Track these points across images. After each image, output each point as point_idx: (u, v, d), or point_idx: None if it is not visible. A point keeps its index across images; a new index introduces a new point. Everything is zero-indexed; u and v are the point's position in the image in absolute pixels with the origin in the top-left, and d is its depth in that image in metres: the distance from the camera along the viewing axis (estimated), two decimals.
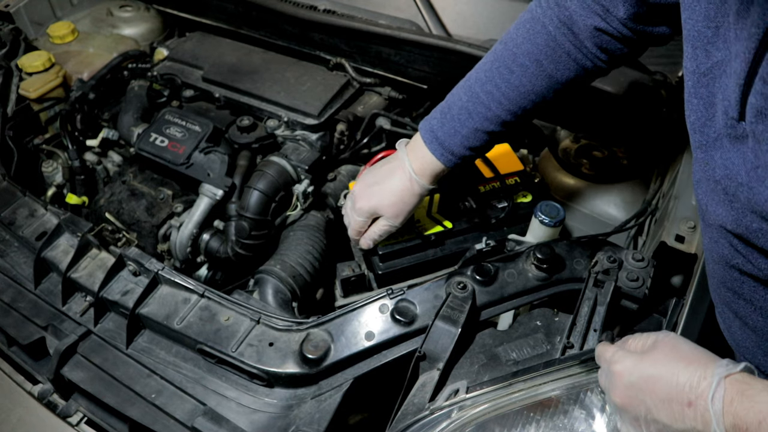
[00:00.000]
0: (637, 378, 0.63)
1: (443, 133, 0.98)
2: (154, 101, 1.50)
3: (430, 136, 0.99)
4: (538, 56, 0.91)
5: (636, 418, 0.64)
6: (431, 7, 1.46)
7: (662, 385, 0.60)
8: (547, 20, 0.90)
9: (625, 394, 0.65)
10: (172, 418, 0.89)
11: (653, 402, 0.61)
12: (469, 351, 0.87)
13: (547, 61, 0.91)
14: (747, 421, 0.54)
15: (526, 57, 0.92)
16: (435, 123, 0.99)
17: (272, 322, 0.93)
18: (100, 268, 1.03)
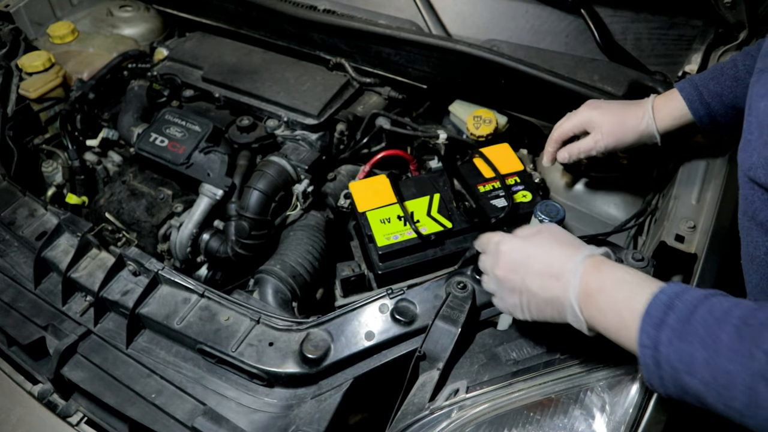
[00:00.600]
0: (520, 255, 0.75)
1: (701, 79, 0.95)
2: (154, 101, 1.50)
3: (686, 81, 0.97)
4: None
5: (512, 289, 0.75)
6: (431, 7, 1.46)
7: (538, 262, 0.73)
8: None
9: (508, 268, 0.76)
10: (172, 418, 0.90)
11: (529, 275, 0.73)
12: (469, 351, 0.87)
13: None
14: (591, 288, 0.67)
15: None
16: (695, 76, 0.97)
17: (272, 322, 0.93)
18: (100, 268, 1.03)
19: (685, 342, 0.57)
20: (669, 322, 0.59)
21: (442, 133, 1.30)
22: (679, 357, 0.58)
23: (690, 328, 0.58)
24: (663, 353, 0.59)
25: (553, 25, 1.37)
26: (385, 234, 1.08)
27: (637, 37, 1.31)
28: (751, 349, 0.53)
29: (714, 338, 0.56)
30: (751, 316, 0.55)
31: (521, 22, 1.40)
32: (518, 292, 0.75)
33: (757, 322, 0.55)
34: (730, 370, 0.54)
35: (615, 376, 0.79)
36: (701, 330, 0.57)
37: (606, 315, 0.66)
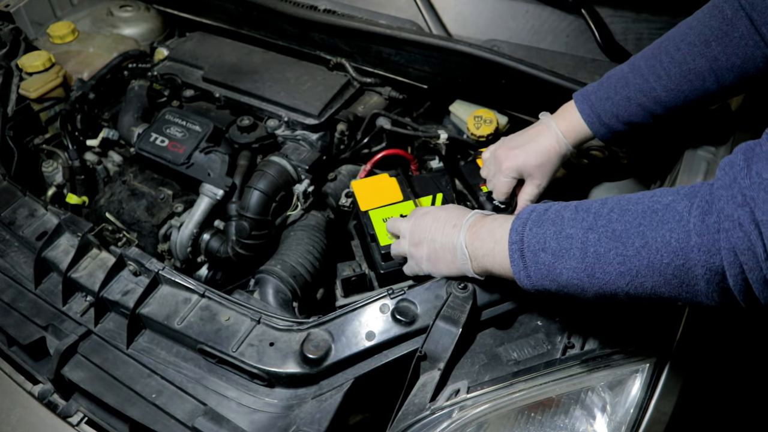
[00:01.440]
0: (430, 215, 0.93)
1: (596, 97, 1.01)
2: (154, 101, 1.50)
3: (582, 99, 1.03)
4: (708, 37, 0.91)
5: (420, 240, 0.92)
6: (431, 7, 1.46)
7: (443, 218, 0.90)
8: (726, 4, 0.90)
9: (416, 223, 0.94)
10: (172, 418, 0.89)
11: (434, 227, 0.90)
12: (469, 351, 0.87)
13: (716, 42, 0.90)
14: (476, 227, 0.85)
15: (696, 36, 0.92)
16: (590, 88, 1.03)
17: (273, 322, 0.93)
18: (100, 268, 1.03)
19: (541, 227, 0.74)
20: (531, 218, 0.76)
21: (442, 134, 1.30)
22: (536, 239, 0.74)
23: (545, 217, 0.75)
24: (525, 242, 0.75)
25: (554, 25, 1.37)
26: (388, 233, 1.08)
27: (638, 37, 1.31)
28: (582, 215, 0.70)
29: (560, 218, 0.73)
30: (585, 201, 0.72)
31: (521, 22, 1.40)
32: (425, 242, 0.91)
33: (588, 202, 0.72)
34: (570, 234, 0.70)
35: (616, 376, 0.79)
36: (552, 215, 0.74)
37: (483, 243, 0.82)
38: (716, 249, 0.59)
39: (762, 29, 0.88)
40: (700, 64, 0.92)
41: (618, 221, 0.67)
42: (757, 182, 0.56)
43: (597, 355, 0.82)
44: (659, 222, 0.63)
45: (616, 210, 0.68)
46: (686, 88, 0.94)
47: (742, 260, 0.57)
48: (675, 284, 0.63)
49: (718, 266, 0.59)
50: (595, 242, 0.68)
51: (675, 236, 0.62)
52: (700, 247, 0.60)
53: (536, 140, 1.06)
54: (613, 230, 0.67)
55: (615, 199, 0.69)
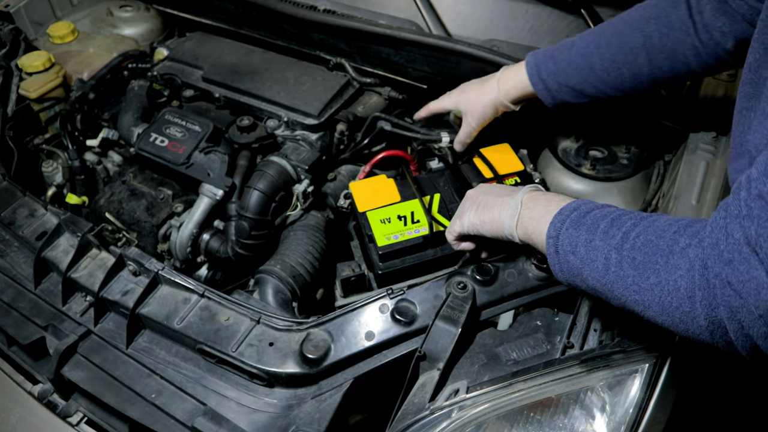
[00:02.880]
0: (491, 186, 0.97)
1: (542, 55, 1.07)
2: (154, 101, 1.50)
3: (532, 54, 1.09)
4: (649, 14, 0.97)
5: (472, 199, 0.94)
6: (431, 7, 1.46)
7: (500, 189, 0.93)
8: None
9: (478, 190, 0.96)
10: (172, 418, 0.90)
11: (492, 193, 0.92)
12: (469, 351, 0.87)
13: (654, 21, 0.96)
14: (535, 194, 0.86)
15: (639, 12, 0.98)
16: (541, 50, 1.09)
17: (272, 322, 0.93)
18: (100, 268, 1.03)
19: (577, 230, 0.74)
20: (572, 217, 0.76)
21: (444, 136, 1.30)
22: (569, 240, 0.74)
23: (583, 220, 0.75)
24: (560, 239, 0.76)
25: (553, 25, 1.38)
26: (386, 234, 1.08)
27: None
28: (614, 231, 0.70)
29: (595, 226, 0.73)
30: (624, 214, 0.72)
31: (521, 22, 1.40)
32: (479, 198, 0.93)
33: (626, 216, 0.72)
34: (598, 246, 0.71)
35: (615, 376, 0.79)
36: (590, 221, 0.74)
37: (538, 205, 0.83)
38: (716, 304, 0.59)
39: (695, 17, 0.93)
40: (636, 39, 0.97)
41: (640, 250, 0.67)
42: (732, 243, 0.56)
43: (596, 355, 0.83)
44: (673, 266, 0.63)
45: (642, 237, 0.68)
46: (620, 59, 0.99)
47: (740, 317, 0.57)
48: (682, 328, 0.64)
49: (720, 320, 0.59)
50: (617, 263, 0.68)
51: (684, 284, 0.62)
52: (702, 300, 0.60)
53: (483, 85, 1.15)
54: (633, 258, 0.67)
55: (646, 223, 0.69)
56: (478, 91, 1.16)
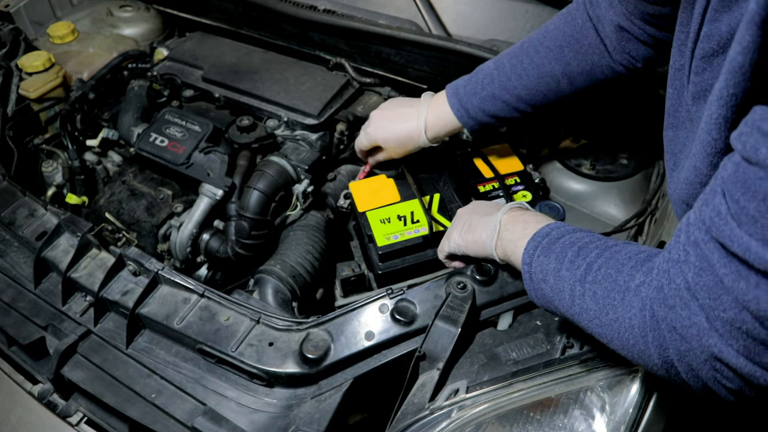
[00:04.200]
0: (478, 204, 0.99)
1: (464, 92, 1.08)
2: (154, 101, 1.50)
3: (453, 92, 1.10)
4: (562, 42, 0.99)
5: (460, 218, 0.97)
6: (431, 7, 1.46)
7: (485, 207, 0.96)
8: (578, 13, 0.98)
9: (466, 209, 0.98)
10: (172, 418, 0.89)
11: (478, 207, 0.96)
12: (469, 351, 0.87)
13: (568, 48, 0.99)
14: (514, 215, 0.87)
15: (552, 41, 1.00)
16: (460, 83, 1.10)
17: (272, 322, 0.93)
18: (100, 268, 1.03)
19: (547, 257, 0.75)
20: (543, 243, 0.77)
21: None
22: (541, 268, 0.75)
23: (553, 248, 0.75)
24: (533, 267, 0.77)
25: None
26: (385, 234, 1.08)
27: None
28: (579, 261, 0.71)
29: (563, 255, 0.73)
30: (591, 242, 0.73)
31: (521, 22, 1.40)
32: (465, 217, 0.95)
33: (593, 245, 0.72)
34: (564, 276, 0.71)
35: (615, 376, 0.79)
36: (558, 249, 0.74)
37: (516, 227, 0.84)
38: (666, 346, 0.59)
39: (605, 41, 0.96)
40: (555, 68, 1.01)
41: (600, 284, 0.67)
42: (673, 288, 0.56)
43: (596, 355, 0.83)
44: (628, 304, 0.63)
45: (603, 270, 0.68)
46: (543, 88, 1.02)
47: (688, 360, 0.57)
48: (642, 363, 0.64)
49: (671, 360, 0.59)
50: (581, 296, 0.69)
51: (637, 323, 0.62)
52: (654, 341, 0.60)
53: (403, 123, 1.14)
54: (594, 292, 0.68)
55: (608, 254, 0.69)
56: (399, 131, 1.14)
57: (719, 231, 0.51)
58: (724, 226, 0.50)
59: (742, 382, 0.54)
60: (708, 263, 0.52)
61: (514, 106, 1.05)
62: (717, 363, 0.54)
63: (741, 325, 0.50)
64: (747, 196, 0.47)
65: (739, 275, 0.49)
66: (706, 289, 0.52)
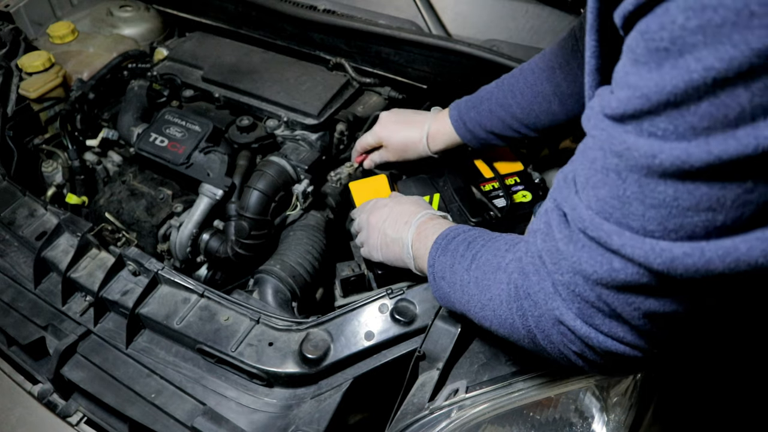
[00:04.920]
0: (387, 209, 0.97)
1: (465, 106, 1.13)
2: (154, 101, 1.50)
3: (455, 105, 1.15)
4: (555, 64, 1.03)
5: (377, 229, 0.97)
6: (431, 7, 1.46)
7: (398, 213, 0.95)
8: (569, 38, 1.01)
9: (378, 215, 0.98)
10: (171, 418, 0.90)
11: (389, 221, 0.95)
12: (468, 351, 0.87)
13: (560, 70, 1.02)
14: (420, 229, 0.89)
15: (546, 63, 1.04)
16: (462, 100, 1.15)
17: (272, 322, 0.93)
18: (99, 267, 1.03)
19: (444, 256, 0.78)
20: (442, 244, 0.80)
21: None
22: (440, 267, 0.79)
23: (449, 246, 0.79)
24: (435, 267, 0.80)
25: (553, 25, 1.37)
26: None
27: None
28: (468, 254, 0.74)
29: (456, 250, 0.77)
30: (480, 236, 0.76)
31: (521, 22, 1.40)
32: (378, 232, 0.96)
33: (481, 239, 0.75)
34: (456, 270, 0.75)
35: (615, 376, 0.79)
36: (453, 247, 0.78)
37: (422, 244, 0.86)
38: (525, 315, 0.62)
39: None
40: (546, 88, 1.04)
41: (480, 269, 0.71)
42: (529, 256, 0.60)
43: None
44: (498, 281, 0.66)
45: (483, 257, 0.72)
46: (536, 108, 1.05)
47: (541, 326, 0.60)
48: (515, 338, 0.66)
49: (531, 329, 0.62)
50: (467, 284, 0.72)
51: (505, 297, 0.65)
52: (517, 311, 0.63)
53: (409, 129, 1.19)
54: (476, 277, 0.71)
55: (491, 244, 0.73)
56: (403, 135, 1.19)
57: (560, 195, 0.56)
58: (565, 190, 0.55)
59: (583, 345, 0.57)
60: (550, 228, 0.56)
61: (509, 123, 1.08)
62: (561, 326, 0.57)
63: (575, 287, 0.54)
64: (582, 164, 0.52)
65: (570, 239, 0.53)
66: (549, 254, 0.56)
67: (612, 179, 0.47)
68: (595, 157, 0.49)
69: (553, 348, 0.61)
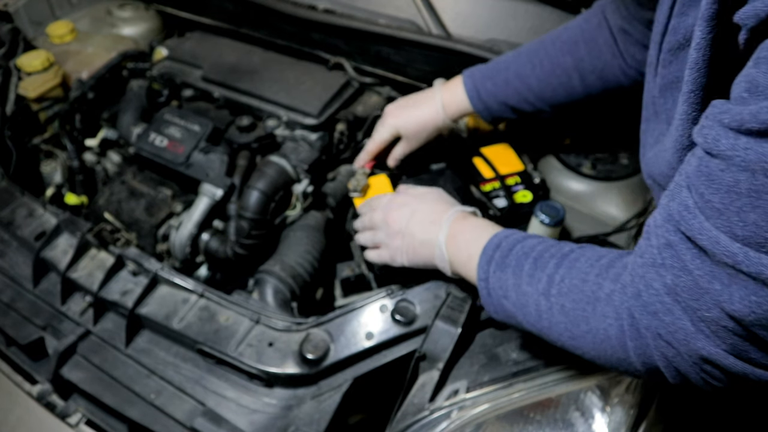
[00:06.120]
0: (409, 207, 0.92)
1: (480, 75, 1.09)
2: (154, 101, 1.50)
3: (469, 75, 1.11)
4: (578, 38, 1.01)
5: (397, 232, 0.91)
6: (431, 6, 1.46)
7: (423, 212, 0.90)
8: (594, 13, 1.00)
9: (398, 215, 0.92)
10: (171, 419, 0.89)
11: (413, 221, 0.90)
12: (469, 351, 0.87)
13: (583, 44, 1.00)
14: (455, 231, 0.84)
15: (569, 36, 1.02)
16: (476, 69, 1.11)
17: (272, 323, 0.93)
18: (99, 267, 1.03)
19: (503, 272, 0.73)
20: (495, 257, 0.75)
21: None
22: (499, 284, 0.74)
23: (507, 261, 0.74)
24: (490, 282, 0.75)
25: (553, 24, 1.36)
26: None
27: None
28: (539, 274, 0.69)
29: (520, 268, 0.72)
30: (545, 251, 0.71)
31: (521, 21, 1.40)
32: (401, 235, 0.91)
33: (548, 254, 0.71)
34: (527, 291, 0.70)
35: (615, 376, 0.79)
36: (513, 262, 0.73)
37: (460, 252, 0.82)
38: (650, 354, 0.58)
39: (619, 44, 0.96)
40: (567, 61, 1.01)
41: (567, 296, 0.66)
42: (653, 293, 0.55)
43: None
44: (601, 314, 0.62)
45: (567, 282, 0.66)
46: (554, 81, 1.03)
47: (675, 365, 0.56)
48: (622, 370, 0.63)
49: (656, 367, 0.58)
50: (548, 310, 0.68)
51: (614, 333, 0.60)
52: (636, 350, 0.59)
53: (420, 107, 1.15)
54: (562, 305, 0.66)
55: (568, 264, 0.68)
56: (418, 115, 1.15)
57: (688, 225, 0.50)
58: (693, 220, 0.49)
59: (732, 380, 0.53)
60: (683, 264, 0.51)
61: (524, 96, 1.05)
62: (706, 365, 0.53)
63: (726, 324, 0.49)
64: (711, 189, 0.47)
65: (713, 276, 0.49)
66: (687, 290, 0.51)
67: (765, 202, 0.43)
68: (737, 180, 0.44)
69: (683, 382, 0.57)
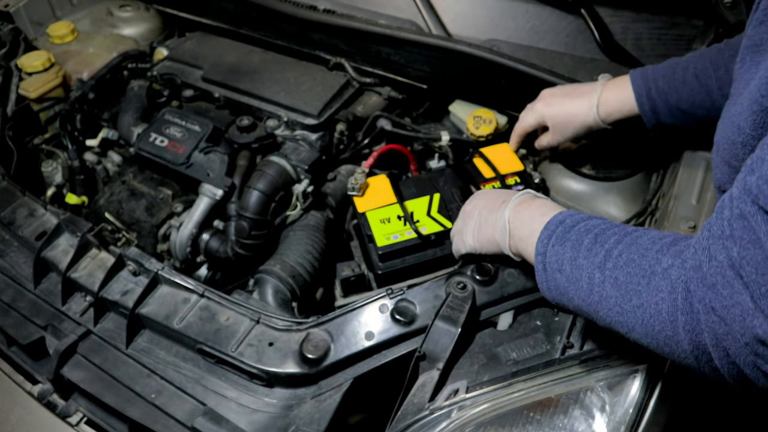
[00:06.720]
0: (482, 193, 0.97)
1: (652, 72, 1.02)
2: (154, 101, 1.50)
3: (639, 71, 1.04)
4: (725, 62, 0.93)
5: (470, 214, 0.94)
6: (431, 7, 1.46)
7: (493, 194, 0.93)
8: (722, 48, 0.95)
9: (470, 202, 0.96)
10: (172, 418, 0.89)
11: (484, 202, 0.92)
12: (468, 351, 0.87)
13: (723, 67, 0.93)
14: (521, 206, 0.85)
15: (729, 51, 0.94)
16: (648, 67, 1.04)
17: (272, 322, 0.93)
18: (99, 267, 1.03)
19: (562, 246, 0.73)
20: (557, 232, 0.74)
21: (444, 135, 1.30)
22: (555, 257, 0.73)
23: (568, 236, 0.73)
24: (548, 256, 0.74)
25: (553, 25, 1.37)
26: (385, 234, 1.08)
27: (637, 37, 1.31)
28: (597, 249, 0.68)
29: (580, 242, 0.71)
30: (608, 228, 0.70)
31: (521, 22, 1.40)
32: (472, 216, 0.93)
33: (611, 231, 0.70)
34: (582, 264, 0.69)
35: (615, 376, 0.79)
36: (574, 237, 0.72)
37: (524, 226, 0.82)
38: (700, 330, 0.56)
39: None
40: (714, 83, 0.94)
41: (622, 270, 0.65)
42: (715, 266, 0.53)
43: (596, 355, 0.83)
44: (655, 288, 0.60)
45: (624, 256, 0.65)
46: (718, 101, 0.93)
47: (725, 345, 0.54)
48: (667, 351, 0.61)
49: (704, 346, 0.56)
50: (600, 284, 0.67)
51: (665, 307, 0.59)
52: (686, 325, 0.57)
53: (574, 100, 1.09)
54: (616, 278, 0.65)
55: (629, 240, 0.67)
56: (568, 107, 1.09)
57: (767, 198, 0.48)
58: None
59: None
60: (755, 236, 0.49)
61: (700, 101, 0.96)
62: (760, 346, 0.50)
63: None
64: None
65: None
66: (753, 264, 0.49)
67: None
68: None
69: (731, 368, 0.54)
